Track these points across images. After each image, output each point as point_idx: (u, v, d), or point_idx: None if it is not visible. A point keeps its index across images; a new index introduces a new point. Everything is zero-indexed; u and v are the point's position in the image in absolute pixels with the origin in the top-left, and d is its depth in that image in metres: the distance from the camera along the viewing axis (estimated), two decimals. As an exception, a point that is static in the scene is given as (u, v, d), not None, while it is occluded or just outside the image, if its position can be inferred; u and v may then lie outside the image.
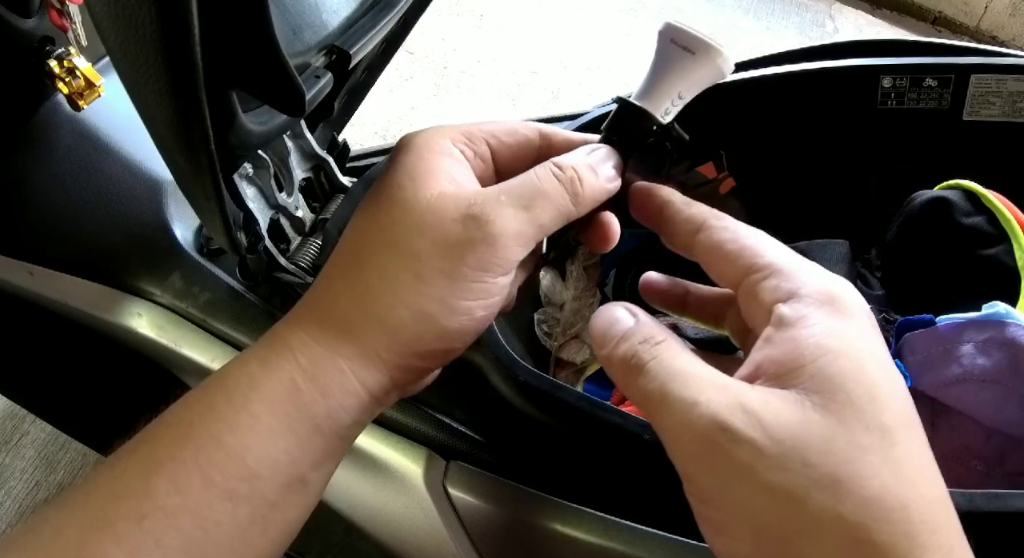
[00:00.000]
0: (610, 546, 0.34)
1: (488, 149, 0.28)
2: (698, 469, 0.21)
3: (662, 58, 0.29)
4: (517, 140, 0.29)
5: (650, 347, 0.23)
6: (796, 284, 0.23)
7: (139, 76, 0.21)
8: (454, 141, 0.27)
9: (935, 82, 0.51)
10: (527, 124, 0.29)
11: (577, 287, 0.57)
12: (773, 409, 0.20)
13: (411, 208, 0.25)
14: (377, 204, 0.26)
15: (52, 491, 0.98)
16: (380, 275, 0.25)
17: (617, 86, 1.72)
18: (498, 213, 0.25)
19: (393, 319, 0.25)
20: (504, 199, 0.25)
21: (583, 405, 0.34)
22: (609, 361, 0.24)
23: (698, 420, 0.20)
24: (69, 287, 0.45)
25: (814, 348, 0.21)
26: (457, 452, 0.38)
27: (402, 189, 0.26)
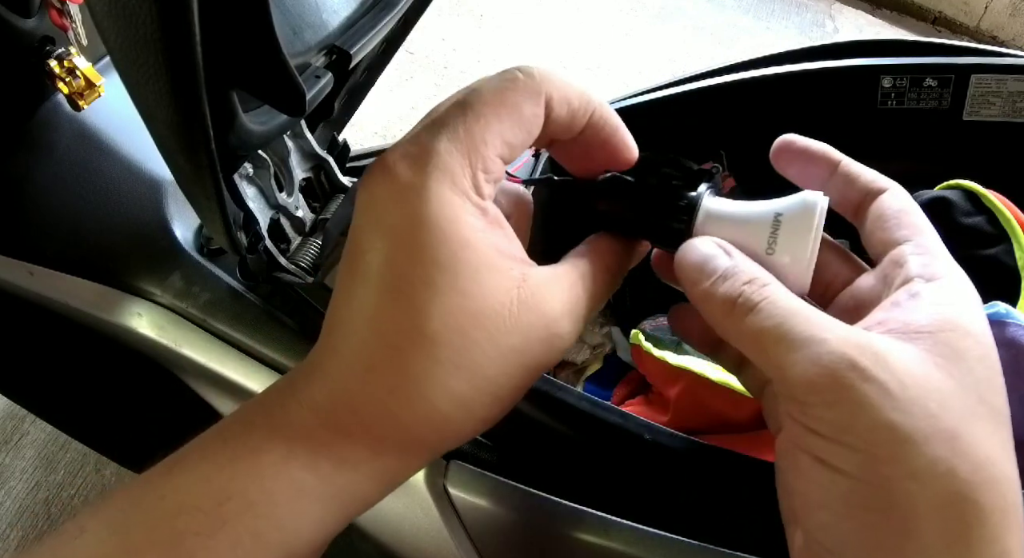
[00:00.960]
0: (610, 546, 0.34)
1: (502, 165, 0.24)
2: (820, 401, 0.21)
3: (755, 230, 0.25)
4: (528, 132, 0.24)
5: (758, 287, 0.23)
6: (941, 271, 0.23)
7: (139, 76, 0.21)
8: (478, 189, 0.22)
9: (935, 82, 0.51)
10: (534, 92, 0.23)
11: (577, 287, 0.57)
12: (899, 356, 0.21)
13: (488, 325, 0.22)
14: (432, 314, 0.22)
15: (52, 491, 0.98)
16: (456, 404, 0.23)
17: (617, 86, 1.72)
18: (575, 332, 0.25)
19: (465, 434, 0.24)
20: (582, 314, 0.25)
21: (583, 405, 0.34)
22: (706, 298, 0.24)
23: (827, 356, 0.21)
24: (69, 287, 0.45)
25: (945, 321, 0.22)
26: (457, 452, 0.38)
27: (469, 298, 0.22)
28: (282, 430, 0.23)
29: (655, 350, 0.46)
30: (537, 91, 0.23)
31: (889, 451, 0.20)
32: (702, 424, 0.44)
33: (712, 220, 0.26)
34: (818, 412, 0.21)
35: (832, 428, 0.21)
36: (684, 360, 0.44)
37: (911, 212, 0.26)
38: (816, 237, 0.24)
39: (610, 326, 0.56)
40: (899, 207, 0.26)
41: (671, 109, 0.53)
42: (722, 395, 0.42)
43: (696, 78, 0.54)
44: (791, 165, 0.28)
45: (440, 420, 0.23)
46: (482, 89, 0.23)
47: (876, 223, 0.26)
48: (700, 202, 0.26)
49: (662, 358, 0.45)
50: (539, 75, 0.23)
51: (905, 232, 0.25)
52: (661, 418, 0.45)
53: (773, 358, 0.22)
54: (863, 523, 0.21)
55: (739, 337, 0.23)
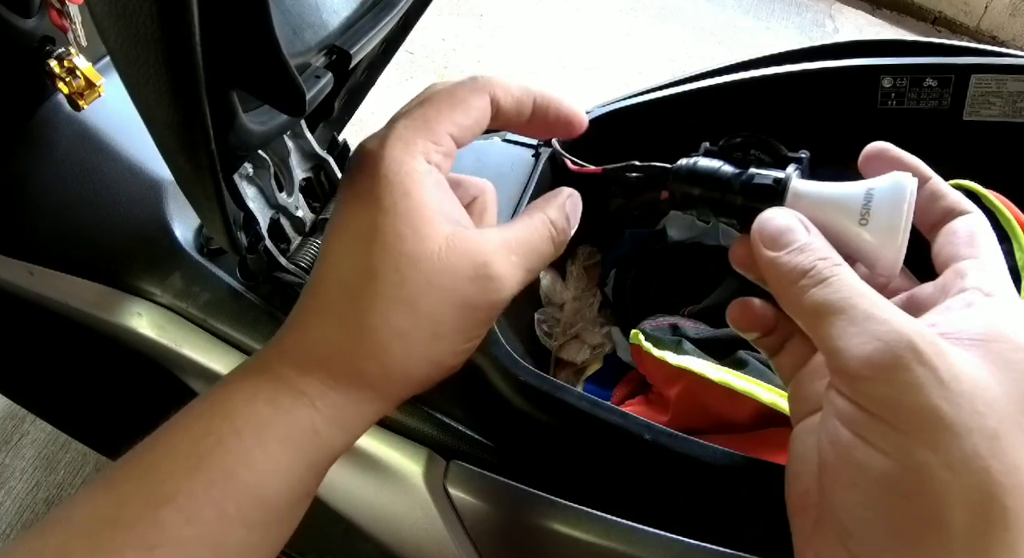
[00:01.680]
0: (610, 546, 0.34)
1: (452, 141, 0.28)
2: (873, 376, 0.22)
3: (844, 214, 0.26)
4: (474, 118, 0.28)
5: (831, 265, 0.24)
6: (1001, 289, 0.24)
7: (139, 76, 0.21)
8: (426, 155, 0.26)
9: (935, 82, 0.51)
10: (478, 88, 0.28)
11: (577, 287, 0.57)
12: (955, 351, 0.21)
13: (422, 266, 0.25)
14: (374, 253, 0.25)
15: (52, 491, 0.98)
16: (395, 334, 0.26)
17: (617, 86, 1.72)
18: (510, 274, 0.27)
19: (409, 371, 0.26)
20: (515, 260, 0.27)
21: (583, 405, 0.34)
22: (777, 265, 0.25)
23: (890, 334, 0.21)
24: (69, 287, 0.45)
25: (999, 333, 0.22)
26: (457, 452, 0.38)
27: (403, 240, 0.25)
28: (252, 373, 0.26)
29: (655, 350, 0.46)
30: (482, 88, 0.28)
31: (931, 437, 0.20)
32: (702, 424, 0.44)
33: (802, 199, 0.26)
34: (869, 388, 0.22)
35: (880, 405, 0.21)
36: (684, 360, 0.44)
37: (984, 234, 0.26)
38: (908, 214, 0.25)
39: (610, 326, 0.56)
40: (974, 229, 0.26)
41: (671, 109, 0.52)
42: (722, 395, 0.42)
43: (696, 78, 0.54)
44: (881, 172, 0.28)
45: (381, 351, 0.25)
46: (439, 87, 0.28)
47: (948, 238, 0.27)
48: (789, 182, 0.27)
49: (662, 358, 0.45)
50: (484, 78, 0.28)
51: (972, 250, 0.26)
52: (661, 418, 0.45)
53: (833, 329, 0.23)
54: (891, 506, 0.21)
55: (800, 307, 0.24)
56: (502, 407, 0.36)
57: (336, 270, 0.26)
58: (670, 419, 0.45)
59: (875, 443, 0.21)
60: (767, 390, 0.41)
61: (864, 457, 0.22)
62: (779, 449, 0.40)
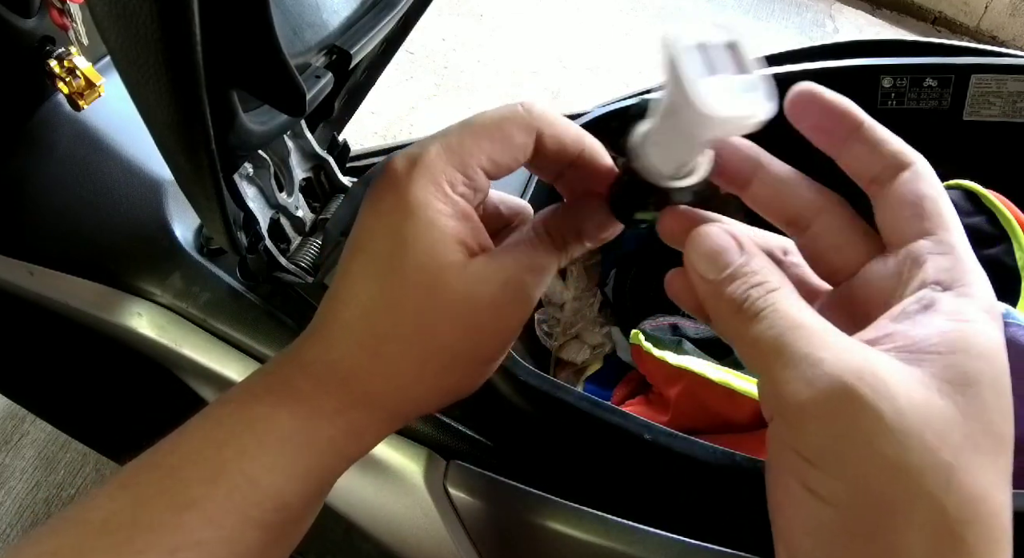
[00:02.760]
0: (610, 546, 0.34)
1: (484, 176, 0.26)
2: (811, 426, 0.20)
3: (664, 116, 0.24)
4: (513, 156, 0.26)
5: (764, 293, 0.22)
6: (962, 279, 0.22)
7: (140, 76, 0.21)
8: (453, 186, 0.25)
9: (935, 82, 0.51)
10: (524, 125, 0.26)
11: (577, 287, 0.57)
12: (900, 381, 0.20)
13: (439, 297, 0.25)
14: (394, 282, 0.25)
15: (52, 491, 0.98)
16: (416, 365, 0.26)
17: (617, 86, 1.72)
18: (525, 296, 0.27)
19: (424, 397, 0.27)
20: (529, 280, 0.27)
21: (583, 405, 0.34)
22: (715, 297, 0.23)
23: (823, 378, 0.20)
24: (69, 287, 0.45)
25: (955, 342, 0.20)
26: (457, 452, 0.38)
27: (423, 271, 0.25)
28: (274, 386, 0.26)
29: (655, 350, 0.46)
30: (530, 125, 0.26)
31: (880, 484, 0.19)
32: (702, 424, 0.44)
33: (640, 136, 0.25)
34: (808, 438, 0.20)
35: (822, 456, 0.20)
36: (684, 360, 0.44)
37: (935, 198, 0.23)
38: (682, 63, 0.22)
39: (610, 326, 0.56)
40: (922, 192, 0.23)
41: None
42: (722, 395, 0.42)
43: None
44: (806, 117, 0.25)
45: (397, 376, 0.26)
46: (485, 114, 0.26)
47: (895, 207, 0.24)
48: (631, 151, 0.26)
49: (662, 358, 0.45)
50: (537, 113, 0.26)
51: (927, 224, 0.23)
52: (661, 418, 0.45)
53: (769, 371, 0.21)
54: (848, 552, 0.20)
55: (740, 343, 0.23)
56: (502, 407, 0.36)
57: (356, 293, 0.26)
58: (670, 419, 0.45)
59: (822, 494, 0.20)
60: (767, 390, 0.41)
61: (814, 507, 0.20)
62: (779, 449, 0.40)
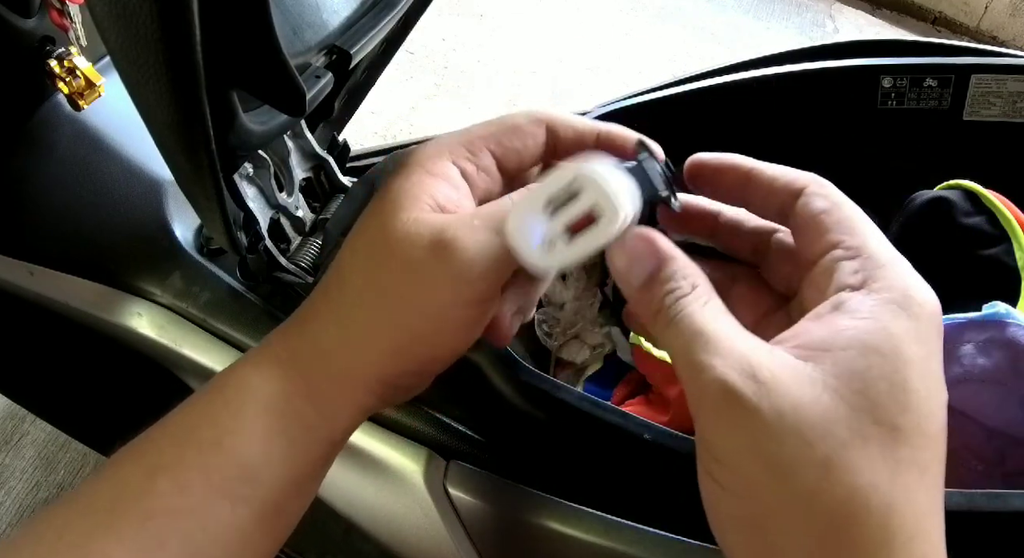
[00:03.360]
0: (610, 546, 0.34)
1: (492, 158, 0.27)
2: (710, 428, 0.22)
3: None
4: (523, 141, 0.27)
5: (675, 299, 0.23)
6: (874, 275, 0.22)
7: (140, 76, 0.21)
8: (455, 157, 0.26)
9: (935, 82, 0.51)
10: (533, 117, 0.28)
11: (577, 287, 0.57)
12: (784, 381, 0.20)
13: (385, 237, 0.25)
14: (360, 230, 0.26)
15: (52, 491, 0.98)
16: (360, 307, 0.26)
17: (617, 86, 1.72)
18: (468, 239, 0.24)
19: (371, 351, 0.26)
20: (477, 224, 0.24)
21: (583, 405, 0.34)
22: (637, 304, 0.24)
23: (711, 383, 0.21)
24: (69, 287, 0.45)
25: (850, 339, 0.21)
26: (457, 452, 0.38)
27: (381, 215, 0.25)
28: (252, 355, 0.27)
29: (655, 350, 0.46)
30: (537, 118, 0.28)
31: (760, 478, 0.20)
32: (702, 424, 0.44)
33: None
34: (713, 440, 0.22)
35: (715, 447, 0.22)
36: (684, 360, 0.44)
37: (833, 209, 0.24)
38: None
39: (610, 326, 0.56)
40: (818, 208, 0.24)
41: (671, 109, 0.52)
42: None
43: (696, 78, 0.54)
44: (704, 184, 0.27)
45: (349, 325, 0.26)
46: (499, 116, 0.28)
47: (801, 231, 0.25)
48: None
49: (662, 358, 0.45)
50: (544, 110, 0.28)
51: (832, 236, 0.23)
52: (661, 418, 0.45)
53: (680, 378, 0.23)
54: (745, 538, 0.21)
55: (662, 346, 0.24)
56: (502, 407, 0.36)
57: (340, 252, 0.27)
58: (670, 419, 0.45)
59: (721, 482, 0.22)
60: (767, 390, 0.41)
61: (716, 494, 0.22)
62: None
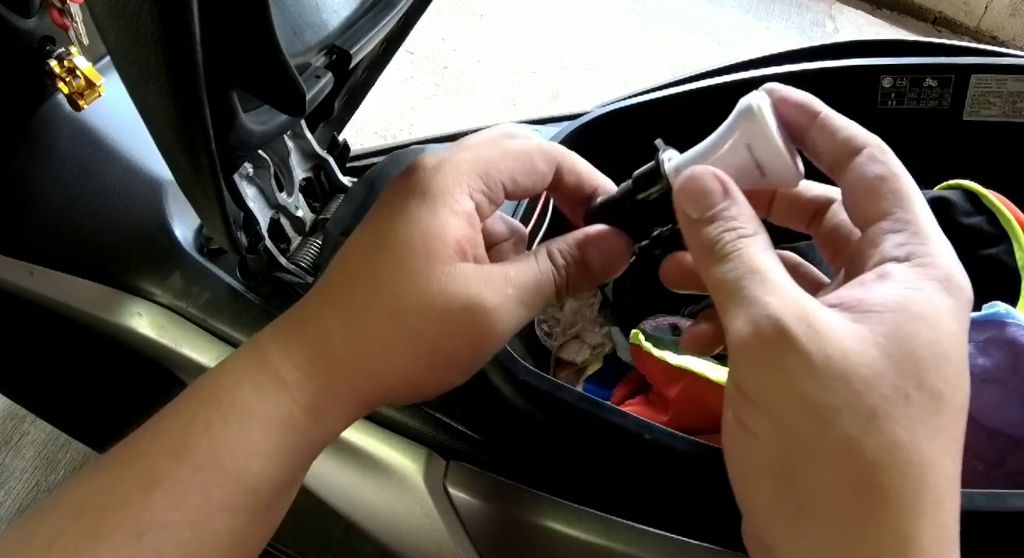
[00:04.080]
0: (610, 546, 0.34)
1: (503, 191, 0.28)
2: (748, 363, 0.22)
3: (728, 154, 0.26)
4: (534, 181, 0.28)
5: (735, 238, 0.23)
6: (920, 251, 0.22)
7: (140, 76, 0.21)
8: (473, 190, 0.27)
9: (935, 82, 0.51)
10: (549, 158, 0.29)
11: (577, 287, 0.57)
12: (837, 331, 0.21)
13: (420, 286, 0.25)
14: (383, 256, 0.26)
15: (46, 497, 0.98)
16: (378, 339, 0.26)
17: (617, 86, 1.72)
18: (503, 311, 0.26)
19: (383, 379, 0.26)
20: (512, 293, 0.26)
21: (583, 405, 0.34)
22: (694, 235, 0.25)
23: (762, 318, 0.21)
24: (69, 287, 0.45)
25: (898, 303, 0.21)
26: (457, 452, 0.38)
27: (414, 254, 0.26)
28: (243, 356, 0.26)
29: (655, 350, 0.46)
30: (551, 156, 0.29)
31: (799, 423, 0.20)
32: (702, 424, 0.44)
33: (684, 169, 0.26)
34: (748, 375, 0.22)
35: (754, 390, 0.21)
36: (684, 360, 0.44)
37: (889, 177, 0.24)
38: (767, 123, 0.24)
39: (610, 326, 0.56)
40: (875, 173, 0.24)
41: (671, 109, 0.52)
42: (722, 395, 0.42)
43: (696, 78, 0.54)
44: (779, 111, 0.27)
45: (361, 350, 0.26)
46: (519, 138, 0.29)
47: (853, 191, 0.25)
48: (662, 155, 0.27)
49: (662, 358, 0.45)
50: (559, 150, 0.29)
51: (884, 204, 0.23)
52: (661, 418, 0.45)
53: (724, 310, 0.23)
54: (772, 490, 0.21)
55: (708, 282, 0.24)
56: (502, 407, 0.36)
57: (349, 261, 0.27)
58: (670, 419, 0.45)
59: (752, 428, 0.22)
60: (767, 390, 0.41)
61: (745, 444, 0.22)
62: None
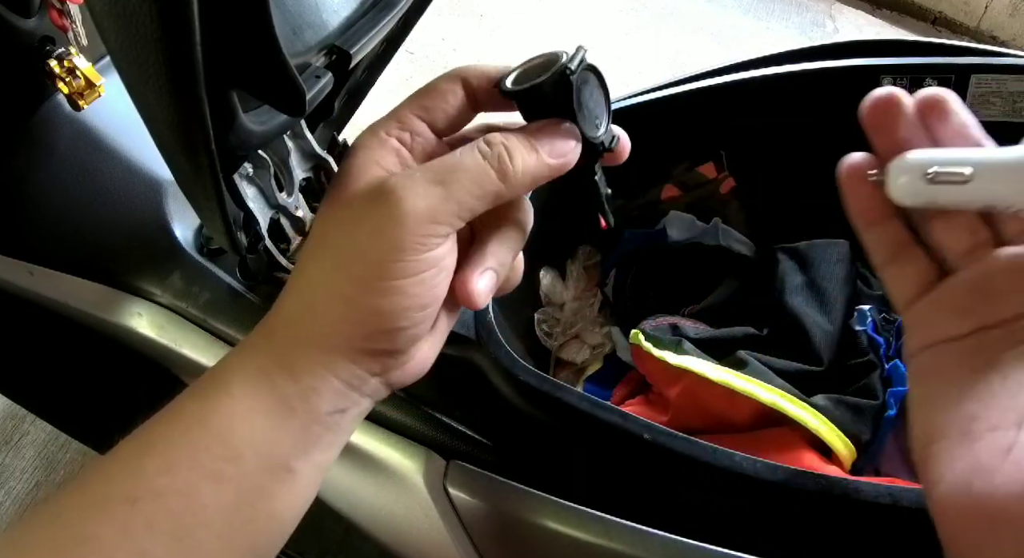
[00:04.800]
0: (610, 546, 0.34)
1: (423, 123, 0.28)
2: None
3: None
4: (444, 99, 0.28)
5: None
6: None
7: (140, 76, 0.21)
8: (387, 131, 0.28)
9: (935, 82, 0.51)
10: (447, 75, 0.29)
11: (577, 287, 0.57)
12: None
13: (334, 202, 0.27)
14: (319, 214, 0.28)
15: (52, 491, 0.98)
16: (314, 269, 0.27)
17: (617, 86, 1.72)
18: (407, 189, 0.25)
19: (326, 308, 0.26)
20: (418, 175, 0.25)
21: (583, 405, 0.34)
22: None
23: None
24: (69, 287, 0.45)
25: None
26: (457, 452, 0.38)
27: (334, 188, 0.27)
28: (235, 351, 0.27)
29: (655, 350, 0.46)
30: (453, 76, 0.29)
31: None
32: (702, 424, 0.44)
33: None
34: None
35: None
36: (684, 360, 0.44)
37: None
38: None
39: (610, 326, 0.56)
40: None
41: (671, 109, 0.52)
42: (722, 395, 0.42)
43: (696, 78, 0.54)
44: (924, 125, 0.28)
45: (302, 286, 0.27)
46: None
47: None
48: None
49: (662, 358, 0.45)
50: (459, 68, 0.29)
51: None
52: (661, 418, 0.45)
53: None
54: None
55: None
56: (502, 407, 0.36)
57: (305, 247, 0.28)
58: (670, 419, 0.45)
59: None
60: (767, 390, 0.41)
61: None
62: (779, 449, 0.40)
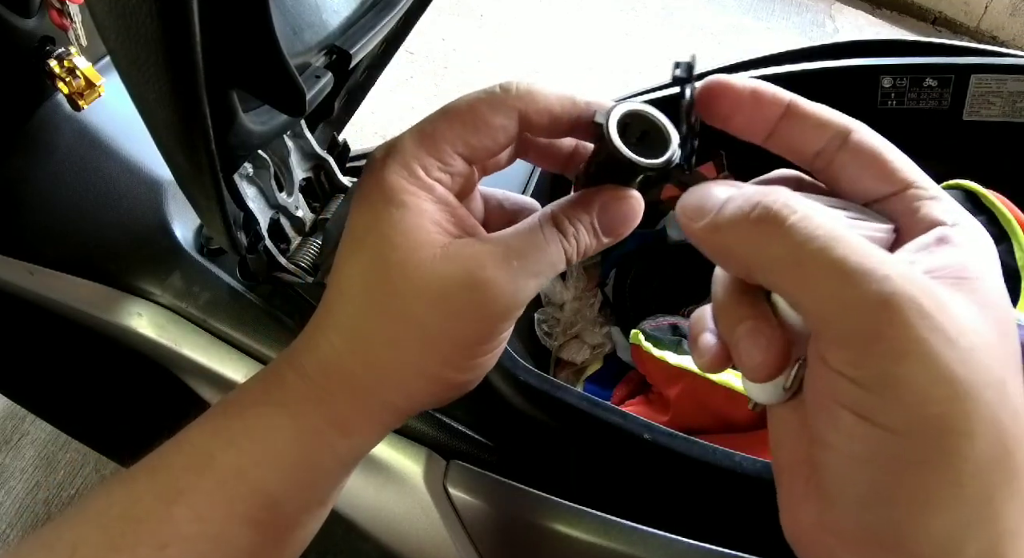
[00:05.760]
0: (610, 546, 0.34)
1: (462, 161, 0.26)
2: (875, 349, 0.19)
3: None
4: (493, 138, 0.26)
5: (783, 204, 0.20)
6: (958, 219, 0.22)
7: (139, 76, 0.21)
8: (428, 171, 0.25)
9: (935, 82, 0.51)
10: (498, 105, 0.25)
11: (577, 287, 0.57)
12: (951, 299, 0.19)
13: (412, 276, 0.25)
14: (372, 267, 0.25)
15: (52, 491, 0.98)
16: (386, 343, 0.25)
17: (617, 86, 1.72)
18: (506, 282, 0.24)
19: (406, 382, 0.26)
20: (516, 264, 0.25)
21: (583, 405, 0.34)
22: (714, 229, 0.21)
23: (892, 297, 0.18)
24: (69, 287, 0.45)
25: (982, 267, 0.21)
26: (457, 452, 0.38)
27: (396, 250, 0.25)
28: (267, 380, 0.27)
29: (655, 350, 0.46)
30: (507, 105, 0.25)
31: (945, 407, 0.18)
32: (702, 424, 0.44)
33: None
34: (869, 361, 0.19)
35: (882, 381, 0.19)
36: (684, 360, 0.44)
37: (895, 150, 0.23)
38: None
39: (610, 326, 0.56)
40: (881, 146, 0.23)
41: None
42: (722, 395, 0.42)
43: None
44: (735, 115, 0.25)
45: (374, 359, 0.25)
46: (462, 99, 0.26)
47: (862, 166, 0.23)
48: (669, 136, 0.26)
49: (662, 358, 0.45)
50: (516, 91, 0.25)
51: (906, 175, 0.22)
52: (661, 418, 0.45)
53: (818, 290, 0.19)
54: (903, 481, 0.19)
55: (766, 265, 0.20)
56: (502, 407, 0.36)
57: (340, 281, 0.26)
58: (670, 419, 0.45)
59: (879, 421, 0.19)
60: (767, 390, 0.41)
61: (869, 436, 0.19)
62: (779, 449, 0.40)
